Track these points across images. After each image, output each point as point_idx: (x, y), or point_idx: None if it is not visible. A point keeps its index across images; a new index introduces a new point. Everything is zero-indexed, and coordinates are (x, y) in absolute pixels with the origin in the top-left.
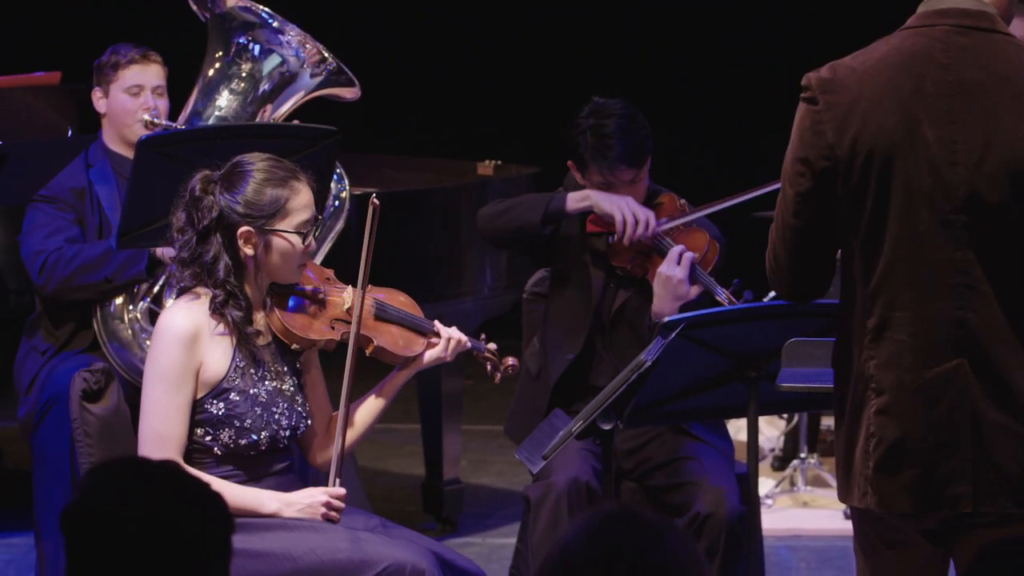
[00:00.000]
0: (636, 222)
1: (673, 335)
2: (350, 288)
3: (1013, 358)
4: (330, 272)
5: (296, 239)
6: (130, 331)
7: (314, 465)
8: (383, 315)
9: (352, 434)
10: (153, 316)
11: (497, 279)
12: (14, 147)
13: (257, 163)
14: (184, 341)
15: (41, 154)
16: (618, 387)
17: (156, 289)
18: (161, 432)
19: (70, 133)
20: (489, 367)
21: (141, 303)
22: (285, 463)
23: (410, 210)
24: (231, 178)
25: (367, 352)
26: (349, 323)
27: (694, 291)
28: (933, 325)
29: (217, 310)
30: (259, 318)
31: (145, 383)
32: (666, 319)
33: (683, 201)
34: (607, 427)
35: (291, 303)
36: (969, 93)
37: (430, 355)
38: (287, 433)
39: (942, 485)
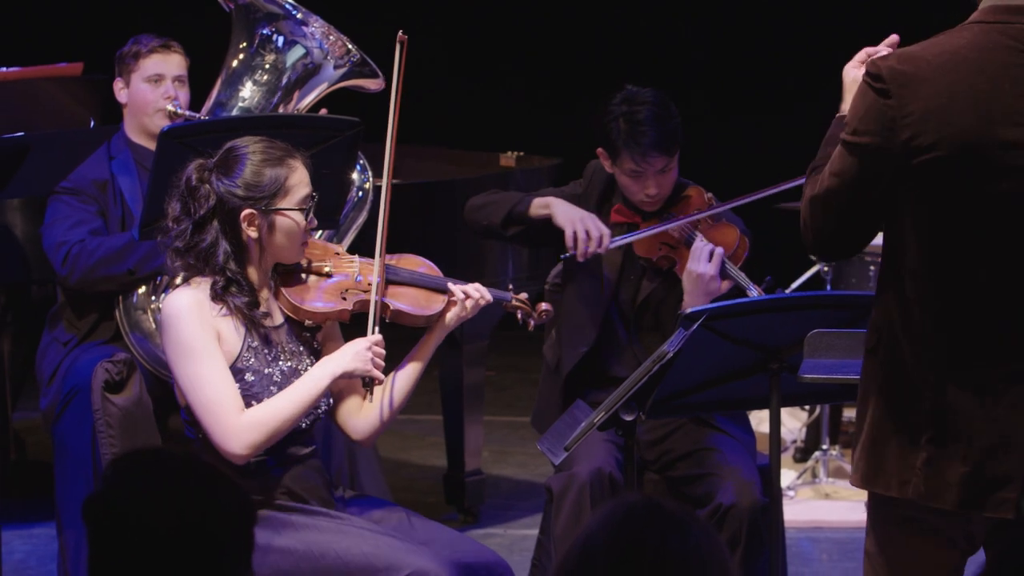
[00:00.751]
0: (588, 238)
1: (695, 326)
2: (358, 259)
3: None
4: (340, 248)
5: (298, 216)
6: (152, 322)
7: (356, 438)
8: (395, 278)
9: (394, 400)
10: None
11: (519, 270)
12: (37, 138)
13: (251, 145)
14: (192, 313)
15: (63, 145)
16: (640, 378)
17: (179, 280)
18: (213, 399)
19: (92, 124)
20: (520, 315)
21: (163, 294)
22: (309, 448)
23: (432, 201)
24: (227, 163)
25: (387, 318)
26: (360, 292)
27: (725, 286)
28: (999, 324)
29: (219, 296)
30: (266, 300)
31: (174, 367)
32: (688, 310)
33: (710, 195)
34: (629, 418)
35: (298, 280)
36: None
37: (452, 314)
38: (308, 415)
39: (990, 487)
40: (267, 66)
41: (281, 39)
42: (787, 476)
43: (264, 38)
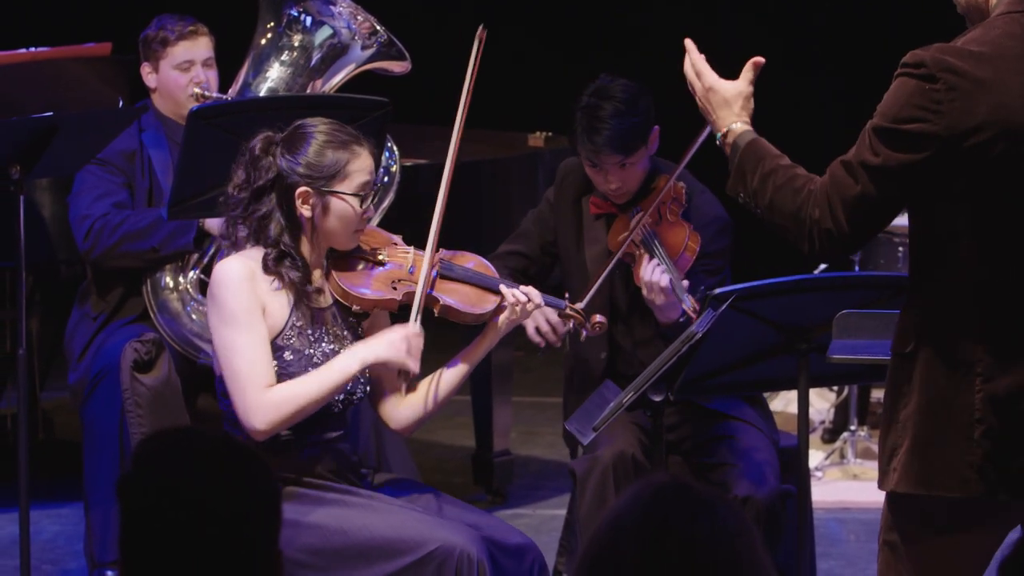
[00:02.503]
0: (549, 333)
1: (724, 307)
2: (413, 250)
3: None
4: (397, 237)
5: (354, 201)
6: (180, 302)
7: (394, 427)
8: (449, 273)
9: (438, 395)
10: (203, 287)
11: None
12: (65, 118)
13: (319, 126)
14: (242, 281)
15: (92, 125)
16: (669, 359)
17: (206, 260)
18: (243, 369)
19: (120, 104)
20: (572, 325)
21: (191, 273)
22: (339, 432)
23: (459, 182)
24: (293, 140)
25: (435, 312)
26: (411, 283)
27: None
28: None
29: (271, 268)
30: (318, 280)
31: (213, 332)
32: (717, 290)
33: (681, 184)
34: (658, 399)
35: (351, 265)
36: None
37: (504, 318)
38: (341, 396)
39: None
40: (295, 46)
41: (309, 19)
42: (815, 457)
43: (292, 18)
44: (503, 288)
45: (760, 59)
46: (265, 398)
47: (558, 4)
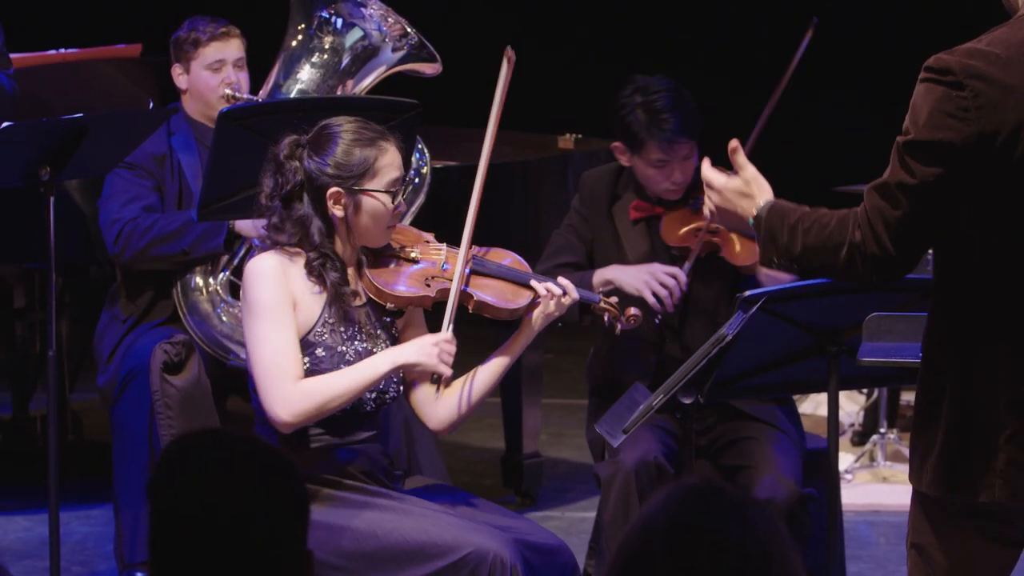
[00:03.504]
0: (667, 288)
1: (754, 309)
2: (446, 247)
3: None
4: (430, 235)
5: (385, 198)
6: (210, 303)
7: (432, 427)
8: (482, 269)
9: (474, 394)
10: (233, 288)
11: None
12: (95, 119)
13: (345, 124)
14: (274, 275)
15: (122, 126)
16: (699, 361)
17: (236, 261)
18: (272, 360)
19: (151, 105)
20: (607, 318)
21: (221, 275)
22: (371, 432)
23: (490, 184)
24: (319, 141)
25: (470, 308)
26: (445, 280)
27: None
28: None
29: (314, 272)
30: (352, 278)
31: (244, 324)
32: (747, 293)
33: None
34: (688, 401)
35: (384, 263)
36: None
37: (538, 313)
38: (373, 395)
39: None
40: (325, 48)
41: (340, 21)
42: (845, 459)
43: (323, 20)
44: (534, 283)
45: (734, 142)
46: (293, 390)
47: (589, 6)
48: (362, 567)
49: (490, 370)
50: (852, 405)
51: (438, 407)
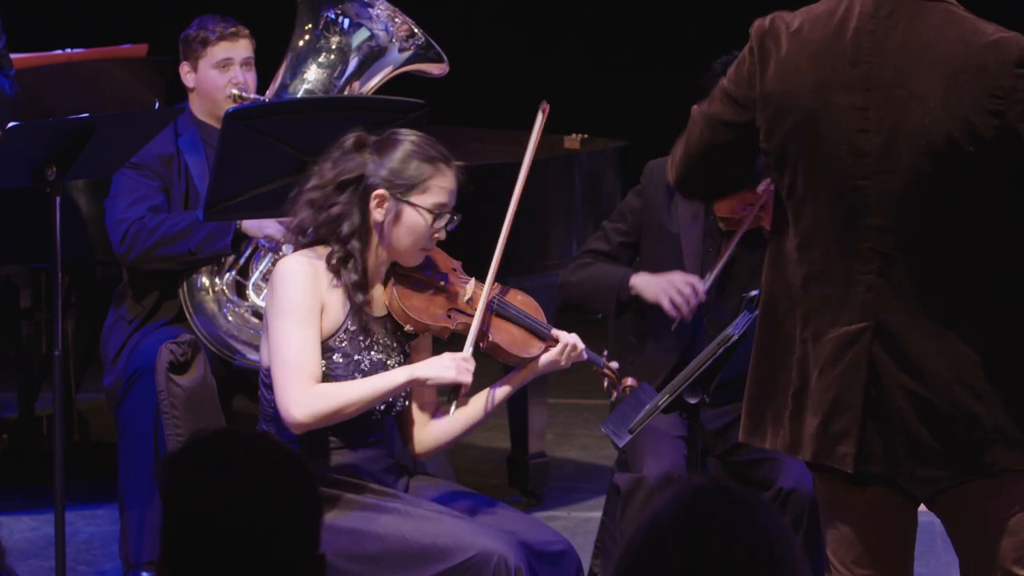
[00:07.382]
0: (684, 297)
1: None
2: (473, 281)
3: (920, 325)
4: (457, 264)
5: (427, 216)
6: (216, 303)
7: (416, 450)
8: (503, 312)
9: (465, 423)
10: (239, 288)
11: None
12: (101, 119)
13: (412, 136)
14: (305, 277)
15: (128, 126)
16: (705, 361)
17: (242, 262)
18: (293, 360)
19: (157, 105)
20: (606, 383)
21: (227, 275)
22: (377, 436)
23: (496, 183)
24: (384, 144)
25: (482, 346)
26: (466, 314)
27: None
28: (845, 286)
29: (332, 266)
30: (376, 291)
31: (268, 323)
32: (753, 292)
33: None
34: (694, 401)
35: (411, 284)
36: (886, 59)
37: (545, 359)
38: (382, 407)
39: (833, 441)
40: (332, 48)
41: (347, 21)
42: None
43: (329, 20)
44: (557, 333)
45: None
46: (310, 390)
47: (595, 6)
48: (366, 569)
49: (482, 401)
50: None
51: (424, 432)
